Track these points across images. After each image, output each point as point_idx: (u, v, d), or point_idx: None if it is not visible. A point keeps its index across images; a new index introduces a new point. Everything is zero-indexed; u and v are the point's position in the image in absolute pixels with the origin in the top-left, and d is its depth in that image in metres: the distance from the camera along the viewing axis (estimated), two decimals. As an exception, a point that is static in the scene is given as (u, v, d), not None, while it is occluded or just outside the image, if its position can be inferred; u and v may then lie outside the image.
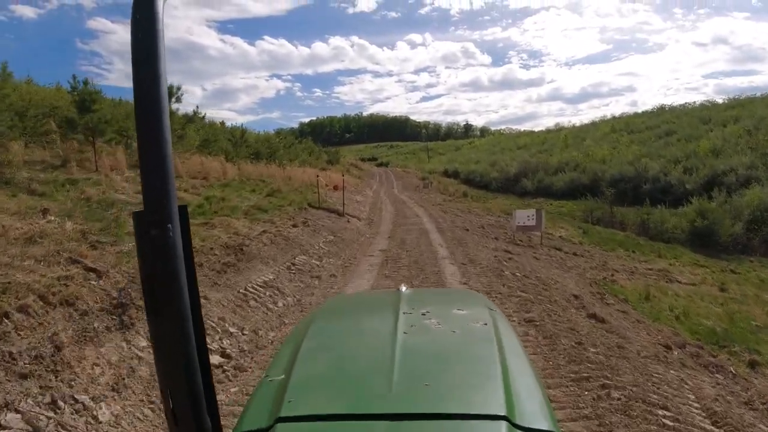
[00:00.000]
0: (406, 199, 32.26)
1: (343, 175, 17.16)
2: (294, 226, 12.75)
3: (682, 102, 72.63)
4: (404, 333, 1.66)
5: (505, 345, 1.62)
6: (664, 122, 58.92)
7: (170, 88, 19.72)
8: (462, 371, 1.48)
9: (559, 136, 71.68)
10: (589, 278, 11.67)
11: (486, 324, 1.81)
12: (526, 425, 1.18)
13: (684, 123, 54.83)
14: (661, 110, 69.66)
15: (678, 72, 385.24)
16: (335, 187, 17.57)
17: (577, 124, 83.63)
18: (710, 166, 38.73)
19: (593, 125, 76.37)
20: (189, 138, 22.05)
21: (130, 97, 1.11)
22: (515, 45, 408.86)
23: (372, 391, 1.34)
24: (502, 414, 1.19)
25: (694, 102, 67.69)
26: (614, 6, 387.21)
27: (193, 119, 26.28)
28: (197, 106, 27.97)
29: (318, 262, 10.91)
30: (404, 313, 1.88)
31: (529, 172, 52.71)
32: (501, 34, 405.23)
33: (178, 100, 21.81)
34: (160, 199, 0.93)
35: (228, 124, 37.24)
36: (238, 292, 7.65)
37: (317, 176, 16.78)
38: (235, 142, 27.23)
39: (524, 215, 15.28)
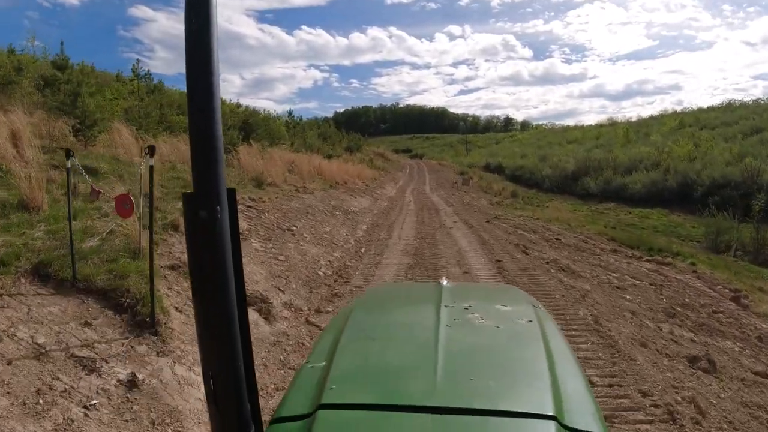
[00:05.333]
0: (441, 204, 19.83)
1: (149, 178, 4.62)
2: None
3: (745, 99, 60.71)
4: (447, 326, 1.50)
5: (552, 344, 1.45)
6: (743, 118, 46.66)
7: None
8: (508, 368, 1.34)
9: (615, 130, 59.40)
10: None
11: (531, 321, 1.64)
12: (576, 426, 1.06)
13: (773, 119, 41.86)
14: (730, 105, 56.99)
15: (726, 71, 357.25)
16: (118, 204, 5.23)
17: (633, 119, 71.18)
18: None
19: (653, 119, 63.86)
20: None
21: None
22: (557, 39, 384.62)
23: (416, 384, 1.19)
24: (551, 414, 1.06)
25: None
26: (662, 0, 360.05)
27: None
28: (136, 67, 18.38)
29: None
30: (446, 306, 1.70)
31: (591, 170, 40.68)
32: (543, 27, 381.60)
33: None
34: (209, 180, 0.85)
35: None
36: None
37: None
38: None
39: None
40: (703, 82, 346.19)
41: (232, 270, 0.88)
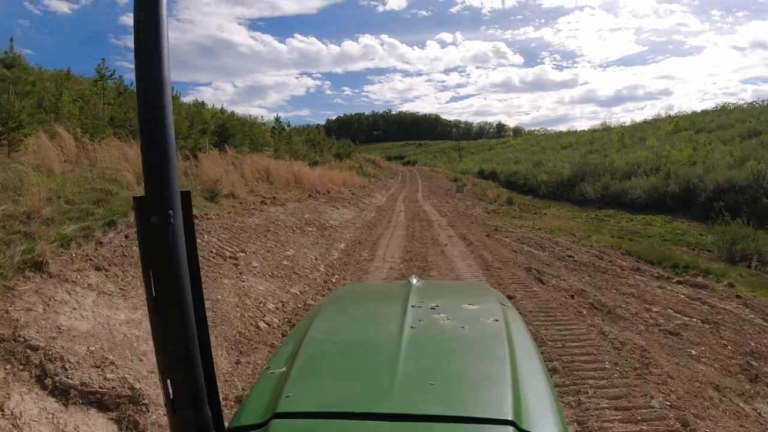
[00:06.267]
0: (433, 214, 17.84)
1: None
2: None
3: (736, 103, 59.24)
4: (411, 327, 1.46)
5: (516, 344, 1.41)
6: (738, 121, 45.13)
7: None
8: (469, 371, 1.26)
9: (609, 135, 58.51)
10: None
11: (497, 320, 1.59)
12: (533, 431, 1.02)
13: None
14: (724, 108, 55.91)
15: (715, 76, 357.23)
16: None
17: (627, 123, 69.67)
18: None
19: (648, 124, 62.45)
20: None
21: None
22: (548, 45, 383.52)
23: (374, 389, 1.16)
24: (509, 419, 1.02)
25: (763, 101, 53.60)
26: (651, 6, 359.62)
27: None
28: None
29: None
30: (413, 306, 1.65)
31: (588, 176, 38.87)
32: (533, 34, 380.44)
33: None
34: (161, 184, 0.83)
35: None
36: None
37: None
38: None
39: None
40: (693, 86, 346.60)
41: (188, 275, 0.85)
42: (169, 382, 0.86)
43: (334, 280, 7.24)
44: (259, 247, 7.29)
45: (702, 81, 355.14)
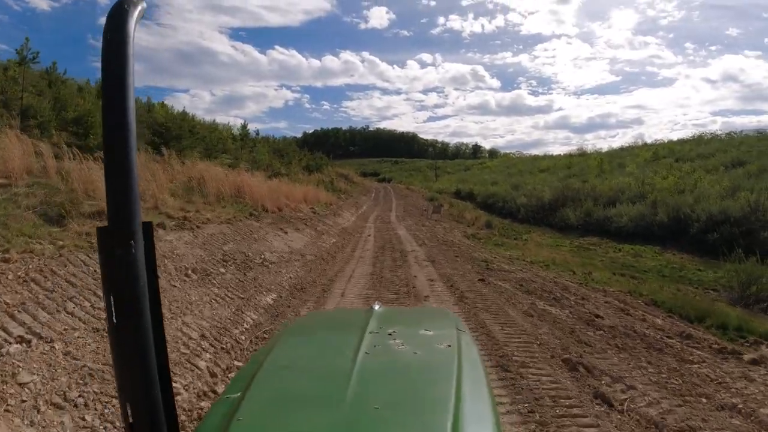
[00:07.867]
0: (408, 241, 14.72)
1: None
2: None
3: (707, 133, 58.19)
4: (366, 353, 1.44)
5: (465, 368, 1.40)
6: (719, 150, 44.37)
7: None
8: (414, 395, 1.28)
9: (587, 160, 56.54)
10: None
11: (450, 346, 1.58)
12: None
13: (753, 152, 39.91)
14: (701, 138, 55.13)
15: (686, 108, 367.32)
16: None
17: (604, 149, 68.29)
18: None
19: (625, 151, 61.33)
20: None
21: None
22: (525, 71, 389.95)
23: (322, 415, 1.16)
24: None
25: (740, 131, 52.60)
26: (626, 38, 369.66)
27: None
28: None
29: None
30: (371, 332, 1.63)
31: (569, 200, 36.65)
32: (511, 59, 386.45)
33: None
34: (125, 214, 0.82)
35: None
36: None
37: None
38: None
39: None
40: (664, 117, 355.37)
41: (147, 303, 0.85)
42: (128, 405, 0.84)
43: (220, 389, 3.83)
44: (80, 319, 3.87)
45: (673, 112, 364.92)
